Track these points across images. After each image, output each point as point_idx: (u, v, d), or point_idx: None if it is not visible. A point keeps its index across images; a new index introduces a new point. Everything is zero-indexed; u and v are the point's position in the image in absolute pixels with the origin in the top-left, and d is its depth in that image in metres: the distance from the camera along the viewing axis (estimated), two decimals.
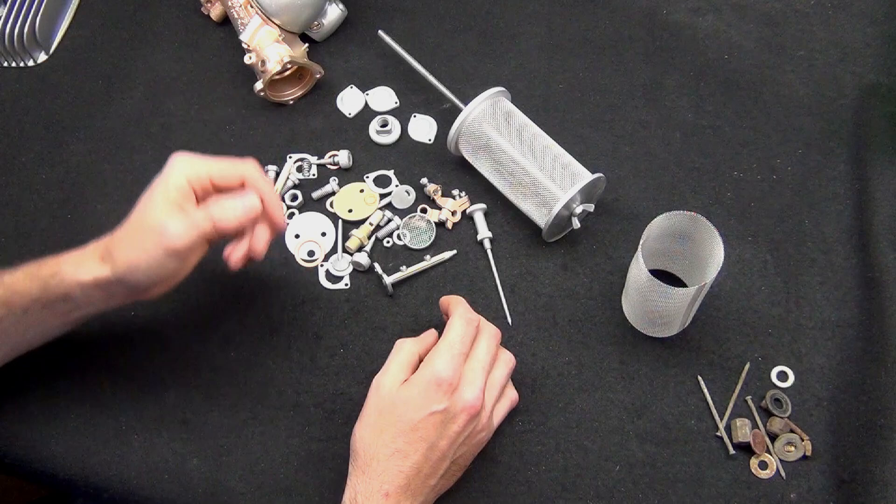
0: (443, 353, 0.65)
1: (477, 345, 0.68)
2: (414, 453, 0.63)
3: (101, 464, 0.72)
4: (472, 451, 0.68)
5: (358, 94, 0.88)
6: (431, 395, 0.64)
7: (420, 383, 0.64)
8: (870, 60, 0.87)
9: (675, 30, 0.90)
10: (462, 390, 0.64)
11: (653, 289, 0.67)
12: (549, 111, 0.85)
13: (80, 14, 0.95)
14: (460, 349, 0.66)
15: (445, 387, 0.64)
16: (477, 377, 0.66)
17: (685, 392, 0.73)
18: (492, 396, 0.67)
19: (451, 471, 0.66)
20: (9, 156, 0.87)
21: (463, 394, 0.64)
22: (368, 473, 0.63)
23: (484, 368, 0.66)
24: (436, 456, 0.64)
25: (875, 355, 0.71)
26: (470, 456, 0.68)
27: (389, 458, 0.63)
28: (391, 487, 0.62)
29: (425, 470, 0.64)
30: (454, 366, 0.65)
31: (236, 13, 0.86)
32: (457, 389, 0.64)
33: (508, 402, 0.70)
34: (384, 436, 0.64)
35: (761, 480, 0.69)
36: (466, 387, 0.65)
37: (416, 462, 0.63)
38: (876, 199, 0.77)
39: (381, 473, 0.63)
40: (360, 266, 0.78)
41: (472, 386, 0.65)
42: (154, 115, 0.88)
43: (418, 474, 0.63)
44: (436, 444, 0.64)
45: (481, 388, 0.65)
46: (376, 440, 0.64)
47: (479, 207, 0.80)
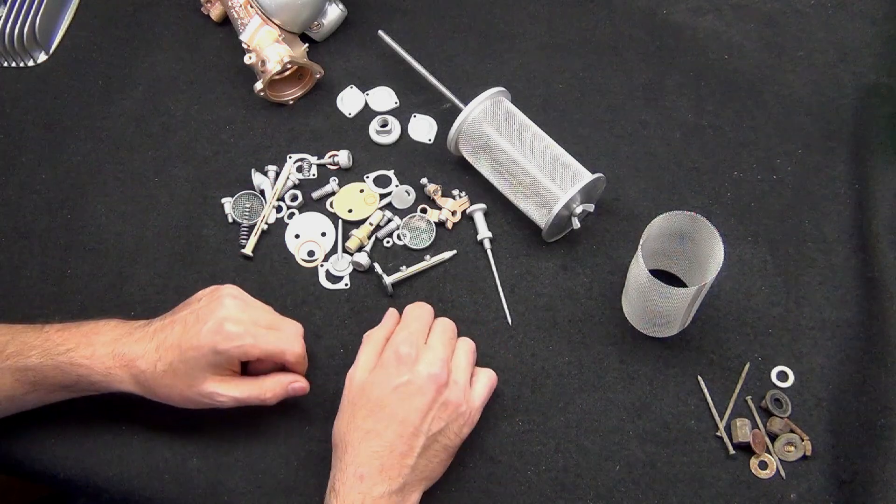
0: (400, 331, 0.69)
1: (434, 327, 0.70)
2: (385, 430, 0.64)
3: (101, 464, 0.72)
4: (455, 430, 0.67)
5: (358, 94, 0.88)
6: (392, 371, 0.66)
7: (382, 363, 0.67)
8: (870, 60, 0.87)
9: (675, 30, 0.90)
10: (422, 361, 0.66)
11: (653, 289, 0.67)
12: (549, 111, 0.85)
13: (80, 14, 0.95)
14: (417, 327, 0.69)
15: (406, 360, 0.66)
16: (437, 350, 0.67)
17: (685, 392, 0.73)
18: (460, 370, 0.68)
19: (433, 450, 0.66)
20: (9, 156, 0.87)
21: (424, 365, 0.66)
22: (345, 460, 0.64)
23: (443, 343, 0.68)
24: (408, 431, 0.64)
25: (875, 355, 0.71)
26: (454, 435, 0.67)
27: (362, 441, 0.64)
28: (365, 469, 0.63)
29: (399, 448, 0.64)
30: (412, 341, 0.67)
31: (236, 13, 0.86)
32: (417, 361, 0.66)
33: (487, 379, 0.70)
34: (356, 420, 0.65)
35: (761, 480, 0.69)
36: (427, 357, 0.66)
37: (388, 440, 0.63)
38: (876, 199, 0.77)
39: (356, 457, 0.63)
40: (360, 266, 0.78)
41: (433, 356, 0.67)
42: (154, 115, 0.88)
43: (392, 453, 0.63)
44: (406, 419, 0.64)
45: (443, 360, 0.67)
46: (349, 426, 0.65)
47: (479, 207, 0.80)
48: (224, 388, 0.67)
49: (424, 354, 0.67)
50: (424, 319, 0.70)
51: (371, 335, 0.71)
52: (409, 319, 0.70)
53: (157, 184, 0.84)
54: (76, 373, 0.66)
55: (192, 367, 0.66)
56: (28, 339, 0.68)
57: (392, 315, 0.73)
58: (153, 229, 0.82)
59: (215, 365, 0.67)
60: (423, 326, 0.70)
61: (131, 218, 0.83)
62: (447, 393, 0.66)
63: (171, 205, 0.83)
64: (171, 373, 0.66)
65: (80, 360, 0.66)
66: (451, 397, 0.66)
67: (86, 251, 0.81)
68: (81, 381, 0.67)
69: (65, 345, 0.67)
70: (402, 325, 0.70)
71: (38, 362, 0.66)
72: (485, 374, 0.71)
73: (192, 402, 0.68)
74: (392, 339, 0.69)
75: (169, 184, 0.84)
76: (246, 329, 0.67)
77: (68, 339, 0.67)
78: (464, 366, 0.69)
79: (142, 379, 0.67)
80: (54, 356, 0.66)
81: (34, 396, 0.68)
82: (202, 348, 0.66)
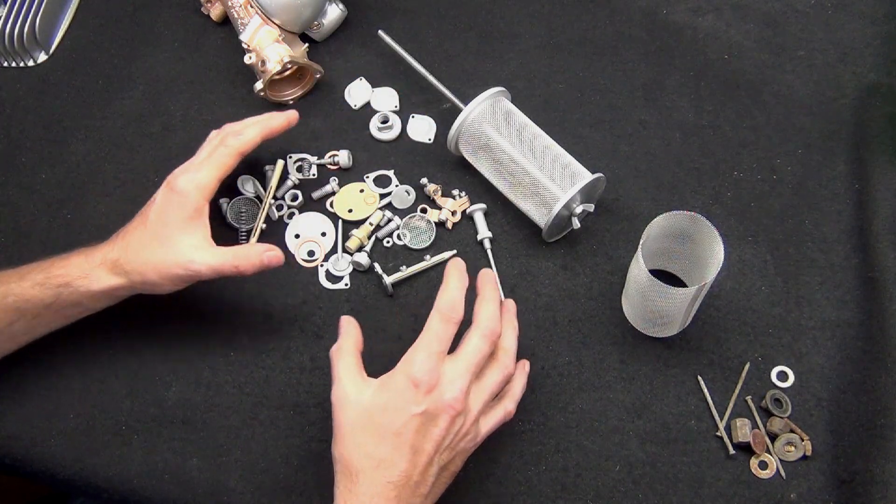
0: (419, 351, 0.62)
1: (466, 343, 0.64)
2: (400, 460, 0.60)
3: (101, 464, 0.72)
4: (459, 458, 0.64)
5: (366, 86, 0.88)
6: (409, 397, 0.61)
7: (396, 386, 0.62)
8: (870, 60, 0.87)
9: (675, 30, 0.90)
10: (441, 390, 0.61)
11: (653, 289, 0.67)
12: (549, 111, 0.85)
13: (80, 14, 0.95)
14: (437, 348, 0.62)
15: (423, 387, 0.61)
16: (458, 377, 0.62)
17: (685, 392, 0.73)
18: (479, 401, 0.63)
19: (441, 479, 0.63)
20: (9, 156, 0.87)
21: (442, 394, 0.61)
22: (355, 491, 0.60)
23: (469, 369, 0.62)
24: (423, 461, 0.61)
25: (875, 355, 0.71)
26: (460, 462, 0.65)
27: (376, 470, 0.60)
28: (381, 500, 0.59)
29: (415, 477, 0.61)
30: (430, 366, 0.61)
31: (236, 13, 0.86)
32: (435, 389, 0.61)
33: (502, 412, 0.66)
34: (366, 447, 0.61)
35: (761, 480, 0.69)
36: (446, 386, 0.61)
37: (404, 470, 0.60)
38: (876, 199, 0.77)
39: (370, 486, 0.60)
40: (360, 266, 0.78)
41: (451, 385, 0.61)
42: (154, 115, 0.88)
43: (408, 483, 0.60)
44: (421, 449, 0.61)
45: (462, 390, 0.61)
46: (358, 453, 0.61)
47: (479, 207, 0.80)
48: (199, 255, 0.68)
49: (443, 380, 0.61)
50: (448, 335, 0.63)
51: (341, 349, 0.65)
52: (432, 336, 0.63)
53: (157, 184, 0.83)
54: (55, 283, 0.67)
55: (160, 230, 0.68)
56: (5, 272, 0.70)
57: (350, 323, 0.68)
58: None
59: (181, 214, 0.68)
60: (444, 346, 0.63)
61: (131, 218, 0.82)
62: (460, 422, 0.62)
63: None
64: (143, 247, 0.68)
65: (58, 271, 0.68)
66: (463, 428, 0.62)
67: None
68: (62, 293, 0.67)
69: (39, 268, 0.69)
70: (424, 341, 0.62)
71: (17, 285, 0.68)
72: (501, 407, 0.66)
73: (170, 279, 0.68)
74: (410, 357, 0.62)
75: None
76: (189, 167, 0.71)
77: (42, 264, 0.70)
78: (485, 392, 0.64)
79: (117, 266, 0.68)
80: (31, 277, 0.68)
81: (21, 326, 0.69)
82: (163, 203, 0.69)
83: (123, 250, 0.69)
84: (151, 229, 0.69)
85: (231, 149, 0.73)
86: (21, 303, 0.68)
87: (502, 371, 0.66)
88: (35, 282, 0.68)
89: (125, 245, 0.69)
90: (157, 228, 0.69)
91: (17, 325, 0.69)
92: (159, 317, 0.77)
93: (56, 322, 0.71)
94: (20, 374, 0.75)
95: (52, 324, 0.71)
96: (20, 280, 0.68)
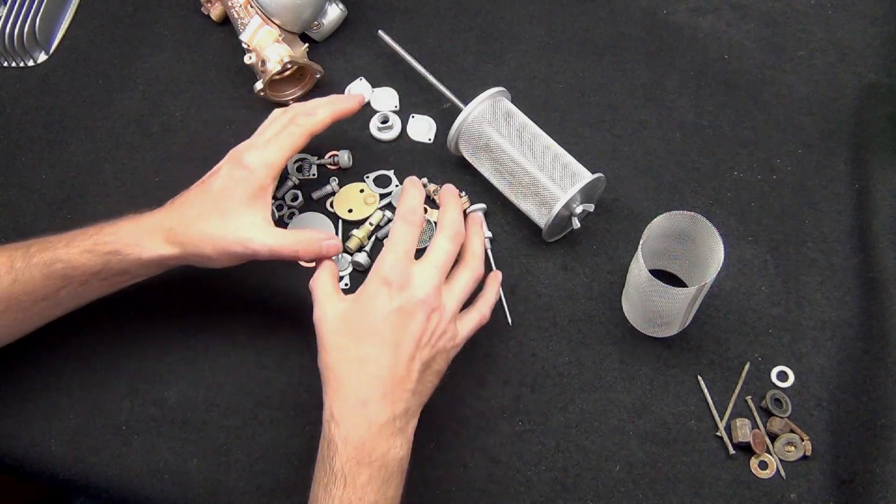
0: (386, 254, 0.64)
1: (432, 245, 0.66)
2: (381, 356, 0.62)
3: (101, 464, 0.72)
4: (445, 356, 0.65)
5: (366, 86, 0.88)
6: (383, 297, 0.63)
7: (369, 290, 0.64)
8: (870, 60, 0.87)
9: (675, 30, 0.90)
10: (412, 288, 0.63)
11: (653, 289, 0.67)
12: (549, 111, 0.85)
13: (80, 14, 0.95)
14: (403, 248, 0.65)
15: (395, 285, 0.63)
16: (428, 275, 0.64)
17: (685, 392, 0.73)
18: (452, 299, 0.65)
19: (427, 375, 0.64)
20: (9, 156, 0.87)
21: (414, 291, 0.63)
22: (341, 391, 0.62)
23: (437, 266, 0.65)
24: (405, 357, 0.62)
25: (875, 355, 0.71)
26: (444, 361, 0.66)
27: (360, 369, 0.62)
28: (368, 395, 0.61)
29: (399, 372, 0.62)
30: (399, 266, 0.64)
31: (236, 13, 0.86)
32: (406, 287, 0.63)
33: (477, 315, 0.68)
34: (348, 350, 0.63)
35: (761, 480, 0.69)
36: (418, 283, 0.63)
37: (386, 365, 0.62)
38: (876, 199, 0.77)
39: (356, 385, 0.62)
40: (360, 266, 0.78)
41: (423, 282, 0.63)
42: (154, 115, 0.88)
43: (393, 377, 0.62)
44: (401, 344, 0.62)
45: (434, 286, 0.64)
46: (341, 357, 0.63)
47: (479, 207, 0.80)
48: (261, 235, 0.67)
49: (414, 278, 0.64)
50: (412, 236, 0.66)
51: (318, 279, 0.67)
52: (396, 239, 0.65)
53: (157, 184, 0.84)
54: (104, 251, 0.66)
55: (222, 204, 0.67)
56: (49, 238, 0.68)
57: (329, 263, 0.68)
58: None
59: (245, 191, 0.67)
60: (410, 247, 0.65)
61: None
62: (437, 318, 0.64)
63: None
64: (202, 219, 0.66)
65: (106, 237, 0.67)
66: (440, 324, 0.64)
67: None
68: (111, 260, 0.66)
69: (87, 233, 0.68)
70: (390, 244, 0.65)
71: (64, 251, 0.66)
72: (476, 309, 0.69)
73: (226, 255, 0.67)
74: (379, 263, 0.64)
75: (169, 184, 0.84)
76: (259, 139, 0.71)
77: (90, 229, 0.68)
78: (456, 293, 0.66)
79: (172, 235, 0.66)
80: (79, 243, 0.67)
81: (67, 293, 0.67)
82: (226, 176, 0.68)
83: (179, 219, 0.67)
84: (213, 201, 0.67)
85: (302, 128, 0.72)
86: (69, 269, 0.66)
87: (472, 272, 0.68)
88: (83, 248, 0.66)
89: (181, 214, 0.67)
90: (220, 201, 0.67)
91: (64, 292, 0.67)
92: (159, 317, 0.77)
93: (103, 289, 0.69)
94: (20, 374, 0.75)
95: (99, 291, 0.69)
96: (67, 246, 0.67)
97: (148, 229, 0.67)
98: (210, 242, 0.66)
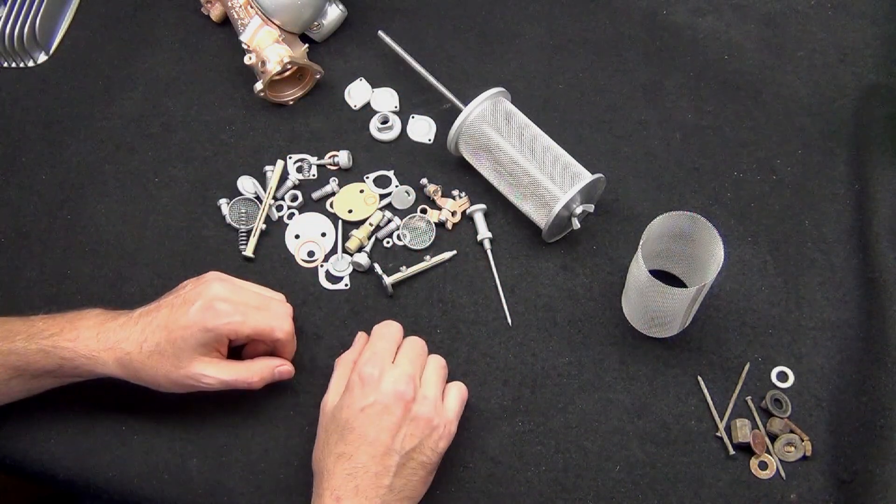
0: (364, 354, 0.68)
1: (402, 346, 0.70)
2: (356, 452, 0.63)
3: (101, 464, 0.72)
4: (431, 446, 0.65)
5: (366, 87, 0.88)
6: (358, 393, 0.65)
7: (348, 386, 0.67)
8: (870, 60, 0.87)
9: (675, 30, 0.90)
10: (387, 380, 0.65)
11: (653, 289, 0.67)
12: (549, 111, 0.85)
13: (80, 14, 0.95)
14: (382, 346, 0.68)
15: (370, 380, 0.65)
16: (404, 367, 0.67)
17: (685, 392, 0.73)
18: (429, 385, 0.67)
19: (409, 468, 0.64)
20: (9, 156, 0.87)
21: (390, 383, 0.65)
22: (322, 486, 0.64)
23: (410, 360, 0.68)
24: (380, 451, 0.63)
25: (875, 355, 0.71)
26: (430, 451, 0.65)
27: (336, 465, 0.64)
28: (342, 492, 0.62)
29: (373, 468, 0.63)
30: (375, 361, 0.67)
31: (236, 13, 0.86)
32: (382, 380, 0.66)
33: (458, 392, 0.69)
34: (330, 446, 0.65)
35: (761, 481, 0.69)
36: (392, 375, 0.66)
37: (361, 462, 0.63)
38: (876, 199, 0.77)
39: (331, 480, 0.63)
40: (360, 266, 0.78)
41: (399, 373, 0.66)
42: (154, 115, 0.88)
43: (366, 473, 0.63)
44: (376, 439, 0.64)
45: (409, 376, 0.66)
46: (325, 453, 0.65)
47: (479, 208, 0.80)
48: (211, 370, 0.67)
49: (390, 373, 0.66)
50: (391, 338, 0.70)
51: (342, 359, 0.71)
52: (375, 339, 0.70)
53: (157, 184, 0.84)
54: (59, 356, 0.66)
55: (179, 348, 0.66)
56: (12, 326, 0.69)
57: (362, 338, 0.73)
58: (153, 230, 0.82)
59: (204, 344, 0.67)
60: (389, 345, 0.69)
61: (131, 218, 0.83)
62: (416, 408, 0.65)
63: (171, 205, 0.83)
64: (158, 354, 0.66)
65: (64, 342, 0.67)
66: (420, 412, 0.65)
67: (86, 251, 0.81)
68: (65, 364, 0.67)
69: (49, 330, 0.67)
70: (368, 345, 0.69)
71: (22, 346, 0.67)
72: (455, 386, 0.70)
73: (177, 385, 0.68)
74: (357, 360, 0.68)
75: (169, 184, 0.84)
76: (235, 307, 0.68)
77: (52, 324, 0.68)
78: (433, 381, 0.68)
79: (126, 361, 0.67)
80: (38, 340, 0.67)
81: (18, 383, 0.68)
82: (191, 327, 0.66)
83: (138, 349, 0.67)
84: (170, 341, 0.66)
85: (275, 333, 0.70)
86: (23, 364, 0.67)
87: (439, 363, 0.70)
88: (41, 347, 0.67)
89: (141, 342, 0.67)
90: (176, 343, 0.66)
91: (15, 382, 0.68)
92: None
93: (54, 384, 0.70)
94: None
95: (50, 385, 0.70)
96: (27, 341, 0.67)
97: (106, 345, 0.67)
98: (162, 375, 0.67)
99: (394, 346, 0.69)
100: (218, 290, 0.69)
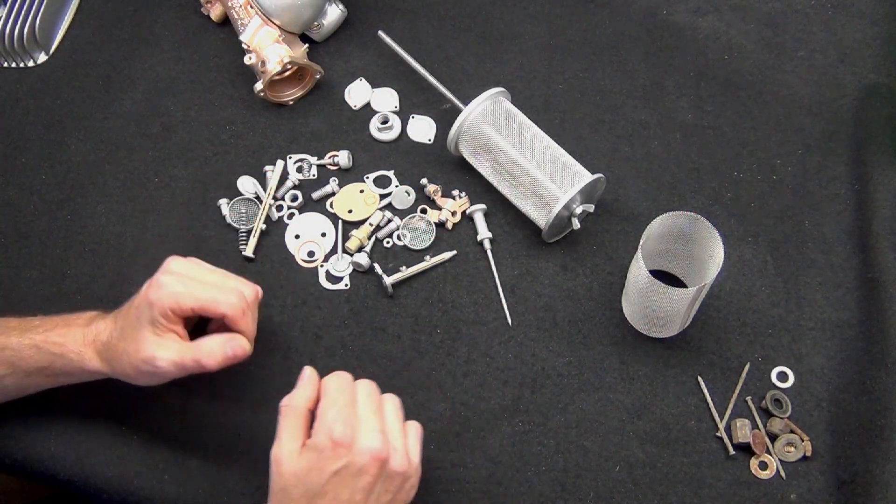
0: (328, 409, 0.62)
1: (357, 393, 0.64)
2: None
3: (101, 464, 0.72)
4: (404, 497, 0.63)
5: (366, 86, 0.88)
6: (329, 455, 0.60)
7: (317, 447, 0.60)
8: (870, 60, 0.87)
9: (675, 30, 0.90)
10: (361, 440, 0.60)
11: (653, 289, 0.67)
12: (549, 111, 0.85)
13: (80, 14, 0.95)
14: (344, 400, 0.62)
15: (343, 441, 0.60)
16: (370, 421, 0.62)
17: (685, 392, 0.73)
18: (394, 434, 0.63)
19: None
20: (9, 156, 0.87)
21: (364, 442, 0.60)
22: None
23: (373, 411, 0.63)
24: None
25: (875, 355, 0.71)
26: (404, 498, 0.63)
27: None
28: None
29: None
30: (344, 419, 0.61)
31: (236, 13, 0.86)
32: (354, 440, 0.60)
33: (417, 434, 0.65)
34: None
35: (761, 481, 0.69)
36: (365, 435, 0.61)
37: None
38: (876, 199, 0.77)
39: None
40: (360, 266, 0.78)
41: (369, 430, 0.61)
42: (154, 115, 0.88)
43: None
44: (350, 501, 0.60)
45: (381, 431, 0.61)
46: None
47: (479, 208, 0.80)
48: (162, 351, 0.64)
49: (359, 431, 0.61)
50: (349, 389, 0.64)
51: (290, 406, 0.64)
52: (333, 394, 0.63)
53: (157, 184, 0.84)
54: (51, 352, 0.67)
55: (134, 328, 0.65)
56: (9, 322, 0.69)
57: (309, 380, 0.65)
58: (153, 230, 0.82)
59: (152, 322, 0.64)
60: (349, 398, 0.63)
61: (131, 218, 0.83)
62: (391, 464, 0.61)
63: (171, 205, 0.83)
64: (122, 338, 0.66)
65: (56, 338, 0.67)
66: (394, 466, 0.61)
67: (86, 251, 0.81)
68: (56, 361, 0.67)
69: (43, 327, 0.68)
70: (328, 402, 0.63)
71: (16, 341, 0.67)
72: (412, 427, 0.65)
73: (140, 373, 0.66)
74: (321, 419, 0.62)
75: (169, 184, 0.84)
76: (178, 279, 0.66)
77: (46, 322, 0.68)
78: (397, 429, 0.63)
79: (104, 352, 0.67)
80: (31, 335, 0.67)
81: (11, 381, 0.68)
82: (140, 304, 0.65)
83: (109, 337, 0.66)
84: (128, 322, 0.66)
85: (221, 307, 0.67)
86: (16, 359, 0.67)
87: (393, 401, 0.65)
88: (34, 342, 0.67)
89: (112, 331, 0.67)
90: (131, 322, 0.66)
91: (8, 379, 0.68)
92: None
93: (47, 384, 0.70)
94: None
95: (43, 385, 0.70)
96: (20, 336, 0.67)
97: (90, 339, 0.67)
98: (127, 362, 0.66)
99: (352, 397, 0.63)
100: (170, 266, 0.67)
